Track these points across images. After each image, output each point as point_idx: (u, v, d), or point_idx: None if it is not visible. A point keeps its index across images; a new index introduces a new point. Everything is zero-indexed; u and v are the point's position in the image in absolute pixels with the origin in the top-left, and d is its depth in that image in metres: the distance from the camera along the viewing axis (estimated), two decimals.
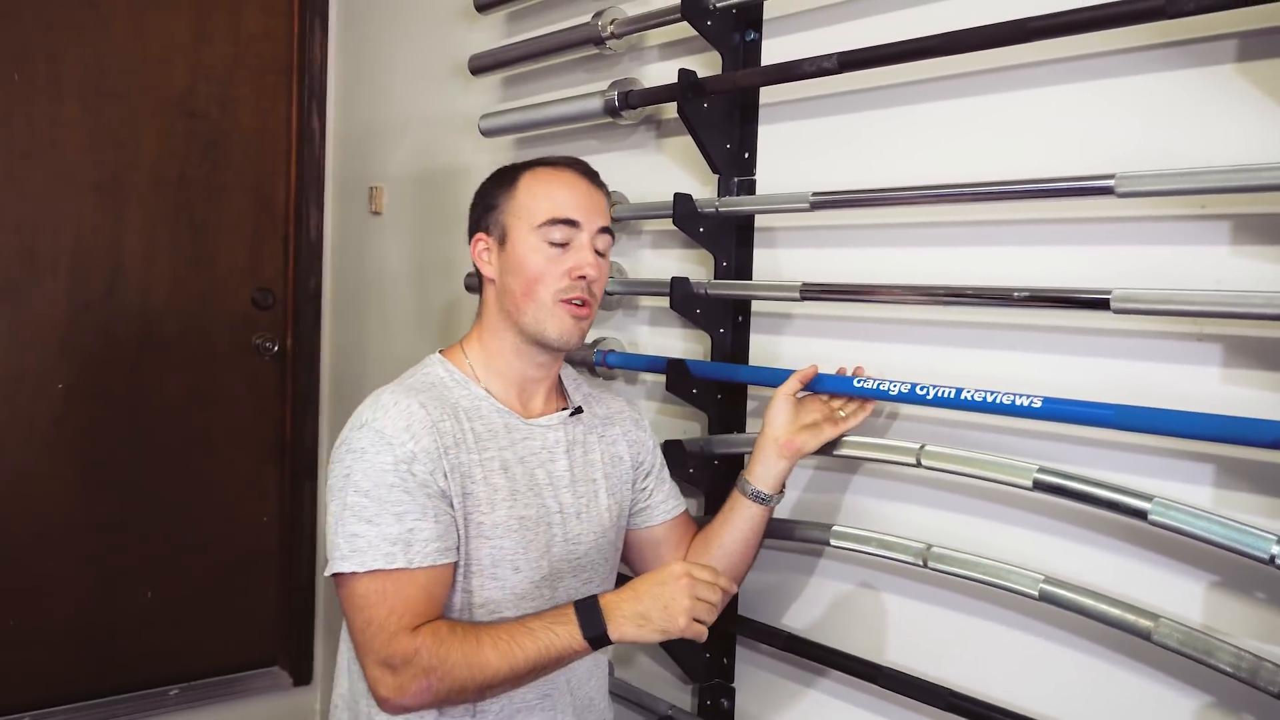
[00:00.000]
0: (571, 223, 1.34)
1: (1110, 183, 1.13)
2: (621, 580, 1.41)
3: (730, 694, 1.68)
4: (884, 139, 1.46)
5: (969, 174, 1.33)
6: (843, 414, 1.41)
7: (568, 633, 1.21)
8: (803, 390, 1.43)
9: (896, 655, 1.44)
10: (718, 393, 1.65)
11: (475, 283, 2.18)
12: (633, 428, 1.53)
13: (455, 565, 1.28)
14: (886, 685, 1.40)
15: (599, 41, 1.80)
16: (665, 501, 1.53)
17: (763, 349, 1.64)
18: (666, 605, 1.20)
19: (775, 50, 1.60)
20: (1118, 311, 1.13)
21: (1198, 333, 1.14)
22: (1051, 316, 1.26)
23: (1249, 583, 1.11)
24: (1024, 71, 1.29)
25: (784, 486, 1.44)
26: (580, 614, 1.21)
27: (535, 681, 1.28)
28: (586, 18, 1.88)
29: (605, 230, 1.38)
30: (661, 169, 1.82)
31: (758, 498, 1.41)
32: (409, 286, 2.59)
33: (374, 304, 2.74)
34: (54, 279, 2.56)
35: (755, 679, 1.65)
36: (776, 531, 1.52)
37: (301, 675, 2.98)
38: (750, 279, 1.64)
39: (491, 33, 2.24)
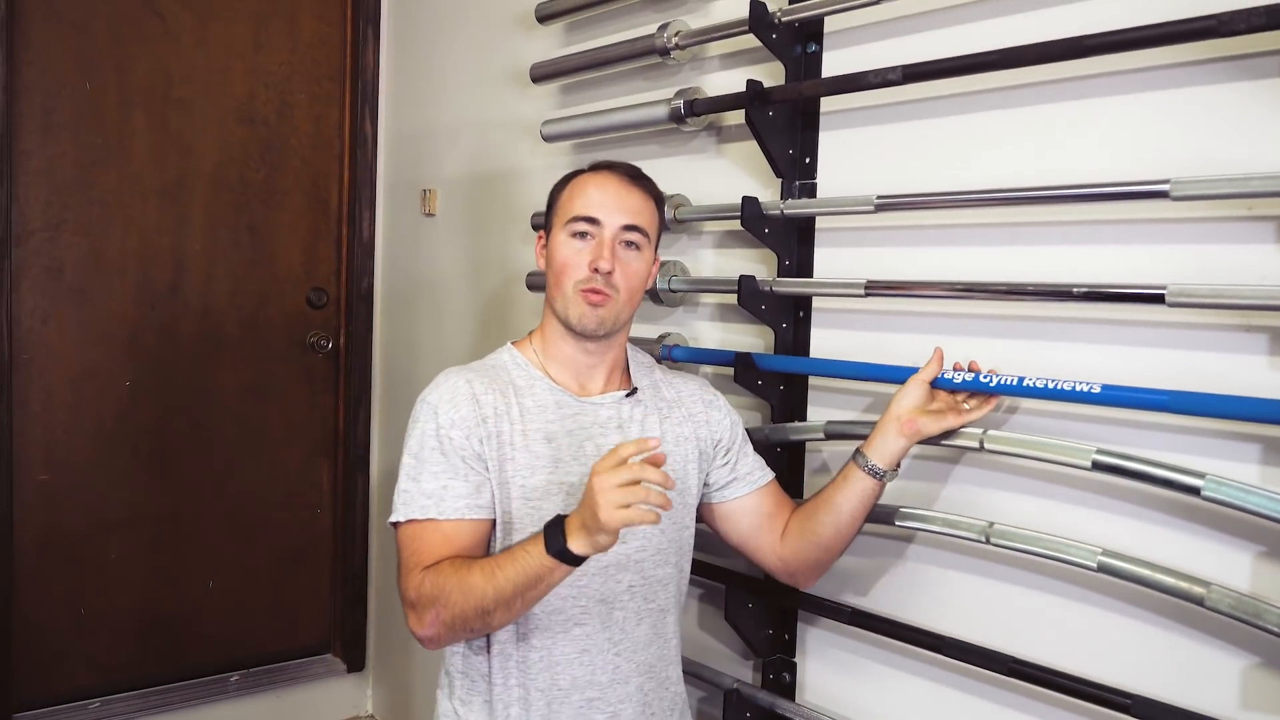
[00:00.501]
0: (591, 220, 1.46)
1: (1166, 187, 1.23)
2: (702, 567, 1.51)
3: (792, 668, 1.78)
4: (941, 146, 1.57)
5: (1026, 179, 1.43)
6: (967, 406, 1.46)
7: (538, 550, 1.28)
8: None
9: (958, 628, 1.54)
10: (780, 384, 1.75)
11: (541, 280, 2.30)
12: (703, 408, 1.61)
13: (492, 522, 1.43)
14: (949, 654, 1.51)
15: (663, 53, 1.90)
16: (751, 473, 1.61)
17: (823, 343, 1.74)
18: (594, 508, 1.21)
19: (834, 61, 1.70)
20: (1172, 305, 1.24)
21: (1246, 324, 1.25)
22: (1109, 311, 1.36)
23: None
24: (1080, 83, 1.39)
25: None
26: (546, 532, 1.28)
27: (575, 635, 1.44)
28: (643, 29, 1.99)
29: (632, 228, 1.47)
30: (720, 173, 1.92)
31: (873, 472, 1.46)
32: (462, 285, 2.69)
33: (425, 302, 2.84)
34: (121, 280, 2.67)
35: (817, 653, 1.76)
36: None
37: (355, 663, 3.09)
38: (811, 277, 1.74)
39: (547, 42, 2.34)
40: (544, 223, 1.56)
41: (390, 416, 3.02)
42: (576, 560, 1.27)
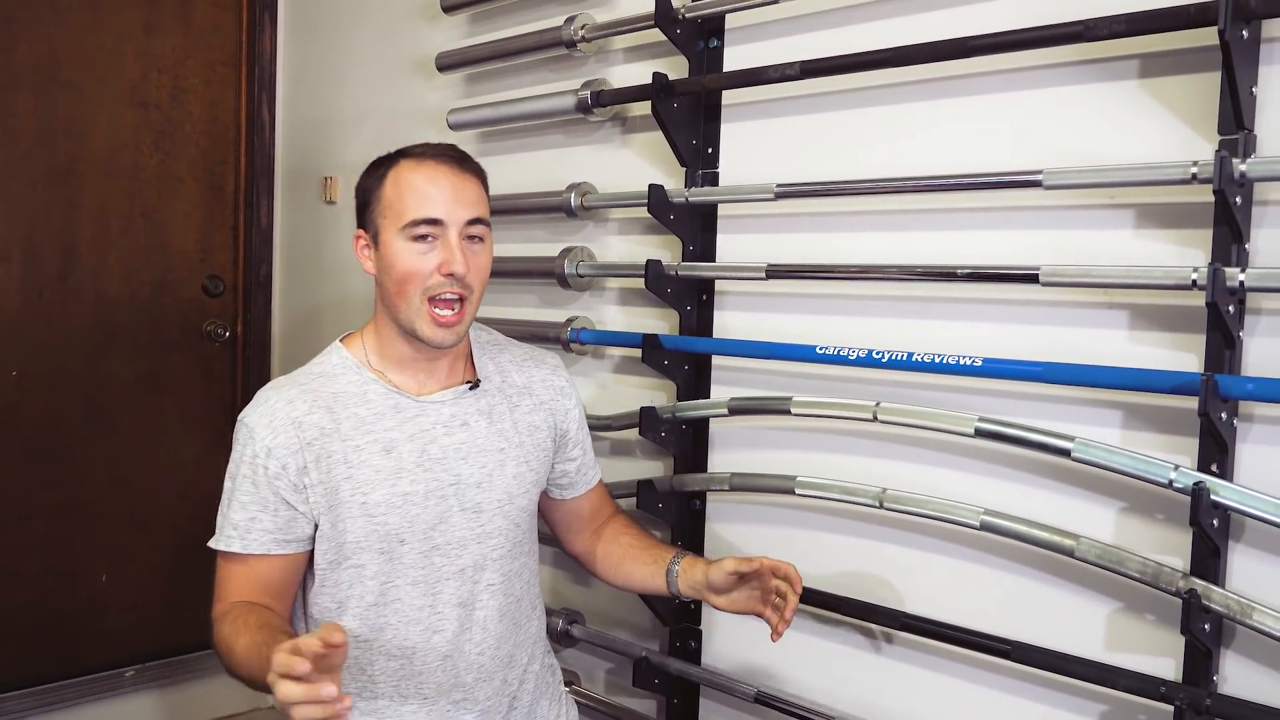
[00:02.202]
0: (435, 221, 1.36)
1: (1039, 177, 1.36)
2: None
3: (698, 635, 1.87)
4: (837, 138, 1.67)
5: (917, 169, 1.54)
6: (775, 599, 1.43)
7: (262, 657, 1.18)
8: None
9: (856, 589, 1.65)
10: (685, 364, 1.83)
11: None
12: (554, 395, 1.57)
13: (308, 553, 1.41)
14: (847, 613, 1.62)
15: (570, 44, 1.96)
16: (585, 473, 1.63)
17: (726, 324, 1.83)
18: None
19: (735, 56, 1.79)
20: (1045, 285, 1.37)
21: (1109, 302, 1.38)
22: (989, 290, 1.48)
23: (1151, 506, 1.35)
24: (965, 81, 1.51)
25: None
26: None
27: (436, 643, 1.42)
28: (549, 21, 2.04)
29: (476, 221, 1.39)
30: (626, 162, 1.99)
31: (673, 589, 1.53)
32: (363, 274, 2.69)
33: (328, 290, 2.84)
34: (6, 267, 2.58)
35: (721, 620, 1.85)
36: (743, 484, 1.71)
37: None
38: (714, 261, 1.82)
39: (453, 32, 2.37)
40: (361, 220, 1.45)
41: None
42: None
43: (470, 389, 1.48)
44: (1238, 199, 1.22)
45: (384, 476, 1.39)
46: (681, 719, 1.87)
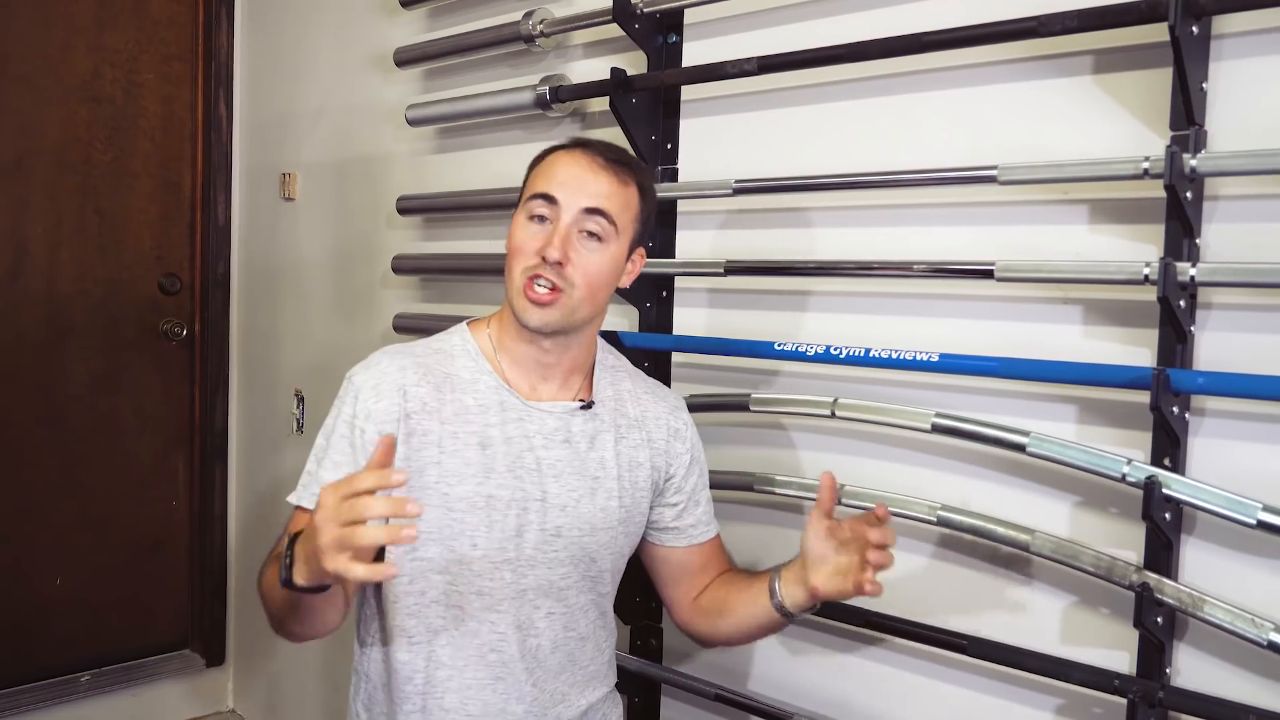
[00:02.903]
0: (548, 198, 1.30)
1: (994, 172, 1.36)
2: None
3: (659, 633, 1.86)
4: (794, 134, 1.66)
5: (874, 164, 1.54)
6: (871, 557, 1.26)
7: (273, 571, 1.20)
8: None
9: None
10: (645, 361, 1.82)
11: (407, 264, 2.31)
12: (666, 437, 1.47)
13: None
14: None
15: (529, 39, 1.94)
16: (695, 526, 1.50)
17: (685, 320, 1.82)
18: (316, 545, 1.04)
19: (694, 52, 1.78)
20: (1000, 280, 1.37)
21: (1064, 297, 1.39)
22: (945, 286, 1.49)
23: (1106, 500, 1.35)
24: (921, 77, 1.51)
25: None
26: (286, 552, 1.15)
27: (491, 660, 1.35)
28: (508, 16, 2.03)
29: (594, 211, 1.30)
30: None
31: (781, 610, 1.38)
32: (325, 270, 2.67)
33: (287, 288, 2.80)
34: None
35: None
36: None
37: (214, 657, 3.02)
38: (673, 258, 1.82)
39: (412, 27, 2.35)
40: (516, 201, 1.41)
41: (250, 404, 2.96)
42: (300, 589, 1.12)
43: (582, 408, 1.40)
44: (1188, 194, 1.23)
45: (473, 472, 1.32)
46: (643, 717, 1.87)
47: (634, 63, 1.84)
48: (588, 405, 1.41)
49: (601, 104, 1.89)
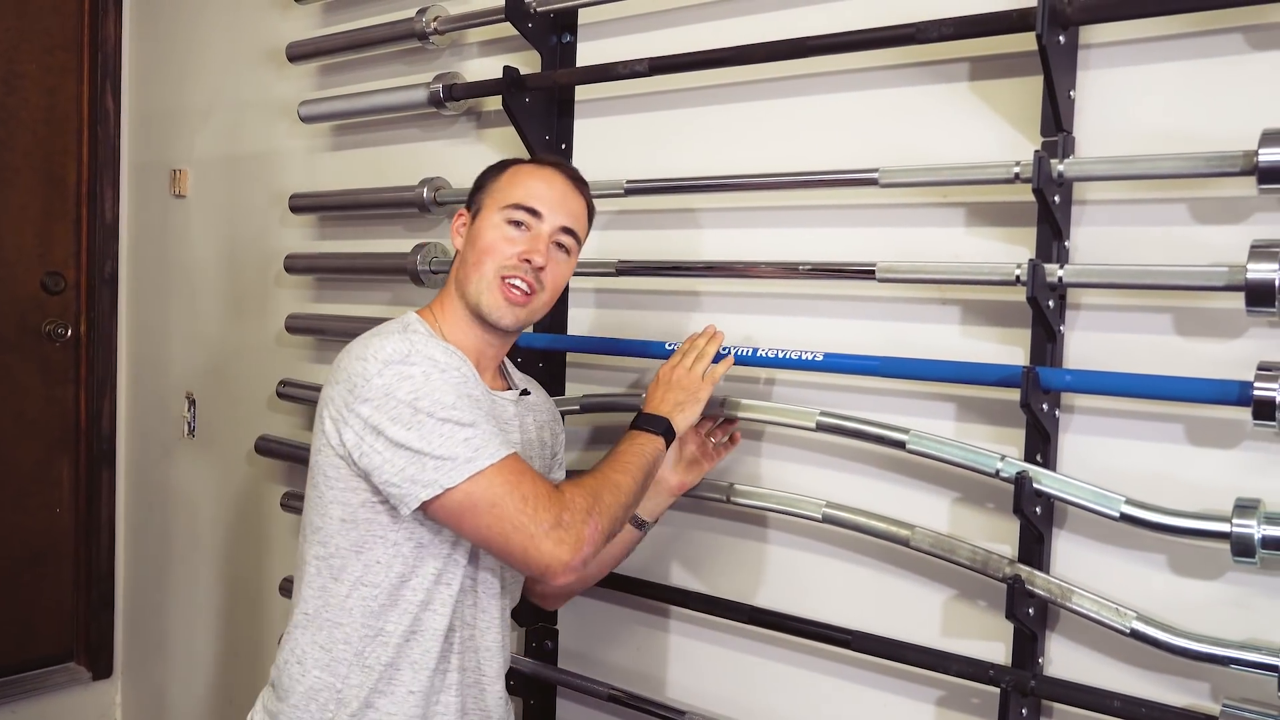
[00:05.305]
0: (533, 211, 1.38)
1: (875, 175, 1.39)
2: None
3: (554, 635, 1.85)
4: (686, 135, 1.68)
5: (762, 166, 1.56)
6: (712, 441, 1.55)
7: (651, 441, 1.39)
8: None
9: (705, 584, 1.66)
10: (540, 361, 1.81)
11: (300, 263, 2.26)
12: (552, 416, 1.58)
13: None
14: (695, 607, 1.63)
15: (422, 36, 1.92)
16: None
17: (579, 321, 1.82)
18: (684, 387, 1.43)
19: (589, 52, 1.78)
20: (881, 280, 1.40)
21: (942, 298, 1.42)
22: (829, 286, 1.51)
23: (982, 495, 1.39)
24: (807, 81, 1.54)
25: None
26: (646, 426, 1.41)
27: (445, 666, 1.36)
28: (404, 12, 2.00)
29: (568, 230, 1.40)
30: (480, 158, 1.95)
31: (638, 524, 1.52)
32: (217, 269, 2.60)
33: (178, 288, 2.72)
34: None
35: (576, 618, 1.83)
36: None
37: (101, 670, 2.91)
38: None
39: (305, 21, 2.30)
40: (469, 202, 1.45)
41: (141, 406, 2.86)
42: (673, 438, 1.42)
43: (521, 395, 1.48)
44: (1056, 198, 1.27)
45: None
46: (539, 719, 1.86)
47: (531, 62, 1.84)
48: (525, 393, 1.50)
49: (497, 103, 1.87)
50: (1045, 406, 1.29)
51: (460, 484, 1.22)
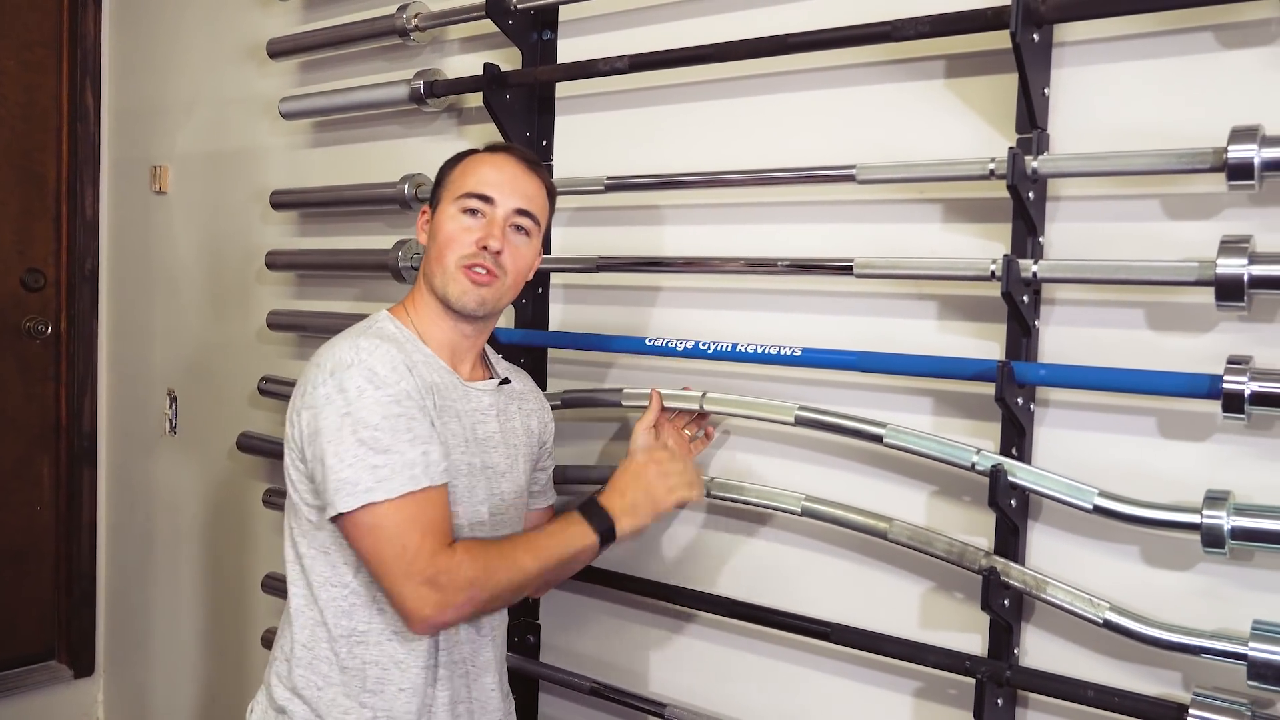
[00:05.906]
0: (485, 198, 1.39)
1: (853, 171, 1.40)
2: None
3: (536, 630, 1.86)
4: (666, 132, 1.69)
5: (741, 162, 1.57)
6: (687, 434, 1.58)
7: (585, 536, 1.35)
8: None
9: (686, 578, 1.67)
10: (521, 357, 1.82)
11: (282, 259, 2.26)
12: (539, 408, 1.58)
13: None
14: (679, 602, 1.64)
15: (403, 33, 1.92)
16: (549, 486, 1.63)
17: (560, 316, 1.83)
18: (649, 491, 1.39)
19: (569, 49, 1.79)
20: (859, 276, 1.41)
21: (919, 293, 1.44)
22: (807, 282, 1.52)
23: (959, 488, 1.41)
24: (788, 78, 1.55)
25: None
26: (588, 516, 1.36)
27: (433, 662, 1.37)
28: (385, 9, 2.00)
29: (524, 212, 1.41)
30: None
31: (605, 539, 1.40)
32: (199, 265, 2.59)
33: (159, 285, 2.71)
34: None
35: (559, 615, 1.84)
36: (572, 477, 1.71)
37: (82, 668, 2.90)
38: (548, 253, 1.82)
39: (287, 18, 2.30)
40: (430, 198, 1.47)
41: (122, 404, 2.85)
42: (612, 541, 1.36)
43: (501, 384, 1.50)
44: (1031, 194, 1.28)
45: (458, 442, 1.38)
46: (521, 714, 1.86)
47: (511, 59, 1.84)
48: (505, 382, 1.51)
49: (478, 100, 1.87)
50: (1020, 400, 1.31)
51: (354, 511, 1.24)
